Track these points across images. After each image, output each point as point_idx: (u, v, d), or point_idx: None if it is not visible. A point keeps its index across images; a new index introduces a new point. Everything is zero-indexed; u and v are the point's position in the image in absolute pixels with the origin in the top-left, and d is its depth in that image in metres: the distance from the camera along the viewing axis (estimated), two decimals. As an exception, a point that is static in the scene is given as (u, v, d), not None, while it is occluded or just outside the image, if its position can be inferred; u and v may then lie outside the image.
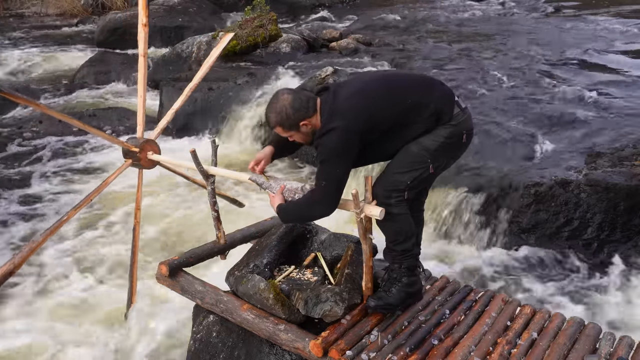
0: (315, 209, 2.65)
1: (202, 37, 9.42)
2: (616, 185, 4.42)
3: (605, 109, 6.10)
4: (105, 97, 9.09)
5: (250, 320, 2.83)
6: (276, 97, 2.64)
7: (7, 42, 12.21)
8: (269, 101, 2.67)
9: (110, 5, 15.04)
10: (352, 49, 9.08)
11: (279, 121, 2.62)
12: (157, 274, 3.27)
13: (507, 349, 2.59)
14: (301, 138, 2.70)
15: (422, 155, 2.63)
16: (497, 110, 6.23)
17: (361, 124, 2.52)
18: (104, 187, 3.53)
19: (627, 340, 2.66)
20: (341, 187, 2.59)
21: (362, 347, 2.59)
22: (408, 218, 2.70)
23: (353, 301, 2.77)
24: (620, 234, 4.37)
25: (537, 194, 4.55)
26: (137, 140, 3.60)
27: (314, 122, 2.62)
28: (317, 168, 2.62)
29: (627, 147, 5.01)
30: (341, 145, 2.51)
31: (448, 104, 2.65)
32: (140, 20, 3.68)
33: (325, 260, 3.15)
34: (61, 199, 5.81)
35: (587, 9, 12.19)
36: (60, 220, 3.32)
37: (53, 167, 6.58)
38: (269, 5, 9.37)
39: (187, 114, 7.41)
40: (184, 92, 3.85)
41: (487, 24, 11.29)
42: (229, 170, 3.31)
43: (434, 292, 3.05)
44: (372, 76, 2.88)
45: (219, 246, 3.42)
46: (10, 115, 8.06)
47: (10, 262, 3.07)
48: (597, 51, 8.57)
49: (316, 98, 2.64)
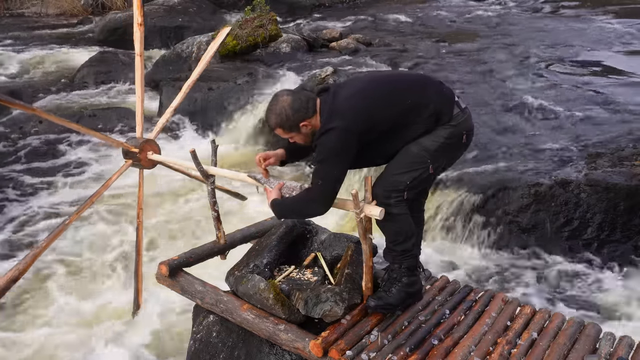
0: (310, 207, 2.66)
1: (202, 37, 9.41)
2: (616, 185, 4.42)
3: (605, 109, 6.10)
4: (105, 97, 9.08)
5: (250, 320, 2.83)
6: (276, 98, 2.64)
7: (7, 42, 12.19)
8: (269, 103, 2.67)
9: (110, 5, 15.02)
10: (352, 49, 9.08)
11: (279, 122, 2.62)
12: (157, 274, 3.26)
13: (507, 349, 2.59)
14: (302, 139, 2.70)
15: (421, 155, 2.62)
16: (497, 110, 6.24)
17: (360, 124, 2.52)
18: (105, 189, 3.53)
19: (627, 340, 2.66)
20: (337, 187, 2.59)
21: (362, 347, 2.59)
22: (408, 218, 2.70)
23: (353, 301, 2.77)
24: (620, 234, 4.37)
25: (537, 194, 4.55)
26: (136, 140, 3.60)
27: (314, 122, 2.62)
28: (315, 167, 2.62)
29: (627, 147, 5.01)
30: (340, 145, 2.51)
31: (448, 104, 2.65)
32: (135, 20, 3.68)
33: (325, 260, 3.15)
34: (61, 201, 5.81)
35: (586, 9, 12.18)
36: (63, 224, 3.32)
37: (53, 168, 6.58)
38: (269, 5, 9.37)
39: (187, 114, 7.42)
40: (182, 89, 3.85)
41: (487, 24, 11.29)
42: (229, 170, 3.31)
43: (434, 292, 3.05)
44: (372, 77, 2.87)
45: (219, 246, 3.42)
46: (10, 115, 8.06)
47: (15, 269, 3.07)
48: (597, 51, 8.57)
49: (316, 99, 2.64)
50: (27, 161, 6.74)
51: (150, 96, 8.21)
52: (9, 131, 7.52)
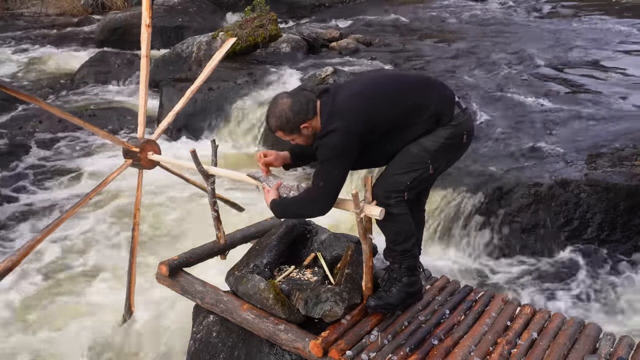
0: (310, 207, 2.66)
1: (202, 37, 9.40)
2: (616, 185, 4.42)
3: (605, 109, 6.10)
4: (105, 97, 9.08)
5: (250, 320, 2.83)
6: (275, 101, 2.64)
7: (7, 42, 12.19)
8: (269, 106, 2.67)
9: (110, 5, 15.02)
10: (352, 49, 9.08)
11: (279, 125, 2.62)
12: (157, 274, 3.26)
13: (507, 349, 2.59)
14: (303, 141, 2.70)
15: (422, 156, 2.63)
16: (497, 110, 6.24)
17: (361, 125, 2.53)
18: (103, 186, 3.52)
19: (627, 340, 2.66)
20: (338, 188, 2.59)
21: (362, 347, 2.60)
22: (408, 218, 2.71)
23: (353, 301, 2.77)
24: (620, 234, 4.37)
25: (537, 194, 4.55)
26: (137, 140, 3.60)
27: (314, 124, 2.62)
28: (316, 168, 2.62)
29: (627, 147, 5.01)
30: (341, 146, 2.51)
31: (448, 105, 2.65)
32: (143, 21, 3.67)
33: (325, 260, 3.15)
34: (60, 199, 5.81)
35: (587, 9, 12.18)
36: (59, 218, 3.31)
37: (52, 166, 6.58)
38: (269, 5, 9.36)
39: (187, 114, 7.41)
40: (185, 94, 3.84)
41: (487, 24, 11.29)
42: (229, 170, 3.31)
43: (434, 292, 3.05)
44: (372, 77, 2.87)
45: (219, 246, 3.42)
46: (10, 115, 8.06)
47: (8, 259, 3.03)
48: (597, 50, 8.57)
49: (316, 100, 2.64)
50: (26, 159, 6.74)
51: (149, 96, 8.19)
52: (8, 130, 7.52)
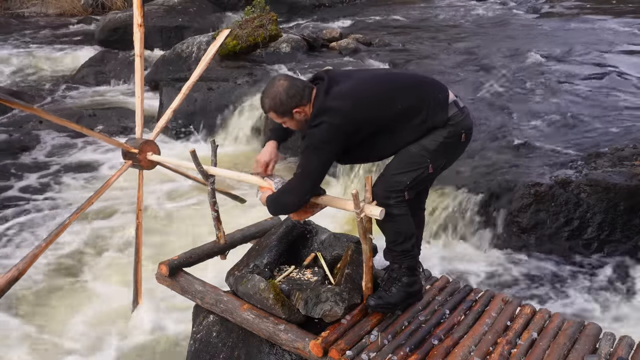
0: (284, 198, 2.65)
1: (202, 37, 9.40)
2: (616, 185, 4.41)
3: (606, 109, 6.10)
4: (105, 97, 9.08)
5: (250, 320, 2.83)
6: (272, 82, 2.64)
7: (7, 42, 12.19)
8: (266, 86, 2.66)
9: (110, 5, 15.01)
10: (352, 49, 9.07)
11: (272, 106, 2.62)
12: (157, 274, 3.26)
13: (507, 349, 2.59)
14: (294, 125, 2.69)
15: (421, 155, 2.62)
16: (497, 110, 6.24)
17: (349, 124, 2.52)
18: (104, 189, 3.53)
19: (627, 340, 2.66)
20: (315, 180, 2.57)
21: (362, 347, 2.59)
22: (408, 218, 2.70)
23: (353, 301, 2.77)
24: (620, 234, 4.37)
25: (537, 194, 4.54)
26: (136, 141, 3.60)
27: (307, 110, 2.61)
28: (299, 159, 2.63)
29: (627, 147, 5.01)
30: (324, 139, 2.51)
31: (441, 111, 2.62)
32: (135, 21, 3.67)
33: (325, 260, 3.15)
34: (61, 201, 5.80)
35: (587, 9, 12.18)
36: (62, 224, 3.32)
37: (53, 168, 6.57)
38: (269, 5, 9.36)
39: (187, 114, 7.41)
40: (182, 90, 3.85)
41: (487, 23, 11.29)
42: (229, 170, 3.31)
43: (434, 292, 3.05)
44: (366, 75, 2.77)
45: (219, 246, 3.42)
46: (10, 115, 8.06)
47: (15, 269, 3.05)
48: (597, 51, 8.56)
49: (312, 87, 2.63)
50: (27, 161, 6.73)
51: (150, 96, 8.20)
52: (8, 131, 7.52)
